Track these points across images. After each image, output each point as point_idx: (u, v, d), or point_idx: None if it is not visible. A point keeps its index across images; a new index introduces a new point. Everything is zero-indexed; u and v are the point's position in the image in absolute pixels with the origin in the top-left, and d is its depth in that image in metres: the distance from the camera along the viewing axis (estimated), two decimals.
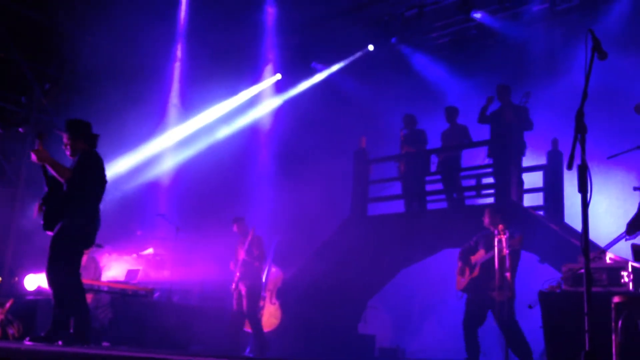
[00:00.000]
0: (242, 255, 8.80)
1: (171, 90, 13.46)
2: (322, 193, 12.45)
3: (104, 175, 5.82)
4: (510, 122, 9.02)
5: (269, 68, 13.92)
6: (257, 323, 8.76)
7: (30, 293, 9.64)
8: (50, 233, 5.67)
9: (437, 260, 10.44)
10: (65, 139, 5.81)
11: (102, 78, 12.05)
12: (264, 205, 12.60)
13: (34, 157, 5.55)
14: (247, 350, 8.96)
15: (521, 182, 9.11)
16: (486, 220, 7.32)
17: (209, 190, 12.42)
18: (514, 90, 9.38)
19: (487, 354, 8.41)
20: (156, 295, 9.20)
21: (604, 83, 8.52)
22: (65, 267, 5.52)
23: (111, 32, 11.76)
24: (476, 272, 7.22)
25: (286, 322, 9.32)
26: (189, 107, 13.37)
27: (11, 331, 8.48)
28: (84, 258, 8.53)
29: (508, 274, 6.67)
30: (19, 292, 9.94)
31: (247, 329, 9.20)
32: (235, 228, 9.14)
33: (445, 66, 12.64)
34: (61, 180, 5.61)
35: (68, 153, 5.82)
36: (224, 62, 12.81)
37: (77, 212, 5.60)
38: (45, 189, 5.75)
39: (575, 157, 3.99)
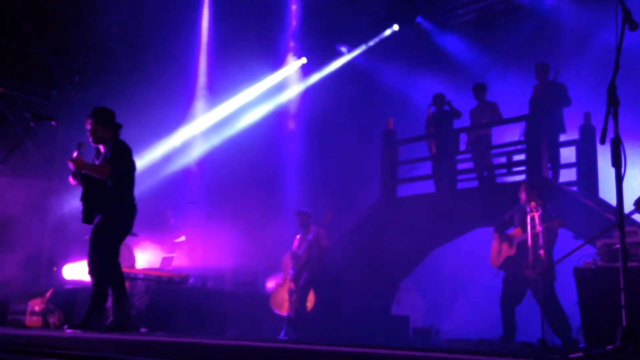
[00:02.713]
0: (303, 247, 9.12)
1: (198, 77, 13.52)
2: (351, 175, 12.45)
3: (134, 163, 5.93)
4: (541, 99, 8.87)
5: (294, 52, 13.89)
6: (304, 308, 8.99)
7: (70, 282, 9.86)
8: (90, 225, 5.80)
9: (467, 239, 10.38)
10: (88, 126, 5.88)
11: (129, 68, 12.18)
12: (293, 188, 12.65)
13: (71, 165, 5.66)
14: (282, 333, 9.05)
15: (556, 159, 8.98)
16: (522, 195, 7.21)
17: (238, 176, 12.50)
18: (549, 65, 9.22)
19: (523, 332, 8.36)
20: (190, 281, 9.34)
21: (637, 52, 8.33)
22: (106, 256, 5.68)
23: (136, 22, 11.86)
24: (513, 250, 7.14)
25: (319, 305, 9.37)
26: (216, 93, 13.43)
27: (52, 320, 8.71)
28: None
29: (542, 251, 6.60)
30: (58, 282, 10.19)
31: (281, 312, 9.29)
32: (299, 221, 9.42)
33: (472, 43, 12.45)
34: (103, 179, 5.72)
35: (91, 140, 5.90)
36: (249, 47, 12.82)
37: (116, 203, 5.75)
38: (81, 188, 5.86)
39: (608, 130, 3.92)
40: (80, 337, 4.17)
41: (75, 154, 5.68)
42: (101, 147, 5.90)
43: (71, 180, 5.84)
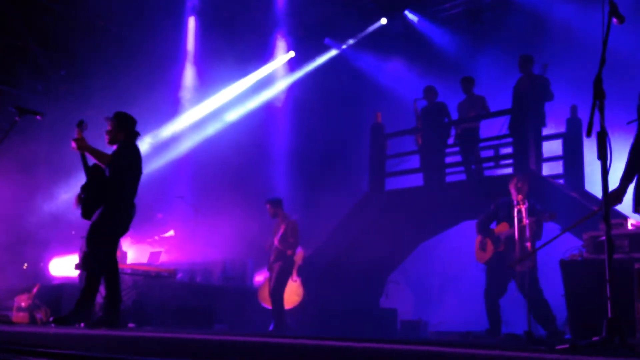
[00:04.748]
0: (275, 240, 8.95)
1: (185, 71, 13.45)
2: (339, 169, 12.45)
3: (140, 167, 5.94)
4: (527, 92, 8.90)
5: (282, 46, 13.86)
6: (279, 303, 8.92)
7: (56, 278, 9.81)
8: (88, 221, 5.78)
9: (456, 232, 10.42)
10: (109, 126, 5.94)
11: (117, 62, 12.09)
12: (281, 182, 12.64)
13: (74, 145, 5.65)
14: (271, 327, 9.06)
15: (540, 152, 9.03)
16: (512, 188, 7.16)
17: (226, 169, 12.47)
18: (534, 58, 9.24)
19: (510, 324, 8.42)
20: (179, 276, 9.31)
21: (623, 47, 8.40)
22: (100, 253, 5.65)
23: (124, 16, 11.76)
24: (501, 247, 7.15)
25: (308, 299, 9.39)
26: (203, 87, 13.38)
27: (39, 315, 8.65)
28: None
29: (528, 244, 6.63)
30: (45, 277, 10.13)
31: (270, 306, 9.30)
32: (268, 210, 9.22)
33: (459, 36, 12.48)
34: (102, 166, 5.73)
35: (107, 139, 5.95)
36: (237, 41, 12.77)
37: (115, 201, 5.73)
38: (85, 178, 5.84)
39: (595, 123, 3.94)
40: (68, 334, 4.15)
41: (77, 133, 5.68)
42: (115, 147, 5.94)
43: (75, 201, 5.83)
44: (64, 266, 9.95)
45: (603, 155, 3.89)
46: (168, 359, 2.19)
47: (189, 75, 13.46)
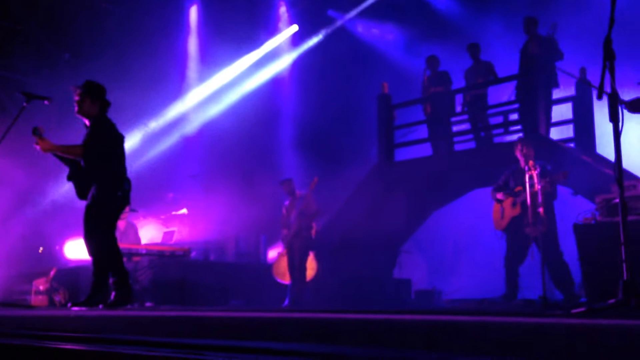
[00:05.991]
0: (293, 215, 9.12)
1: (190, 49, 13.38)
2: (347, 141, 12.41)
3: (119, 135, 5.81)
4: (535, 55, 8.77)
5: (285, 19, 13.74)
6: (304, 277, 9.06)
7: (73, 260, 9.91)
8: (85, 201, 5.77)
9: (468, 200, 10.40)
10: (76, 97, 5.74)
11: (122, 44, 12.03)
12: (291, 157, 12.63)
13: (39, 149, 5.55)
14: (286, 302, 9.13)
15: (549, 116, 8.94)
16: (518, 154, 7.17)
17: (236, 146, 12.46)
18: (539, 20, 9.10)
19: (525, 289, 8.43)
20: (193, 254, 9.38)
21: (629, 5, 8.25)
22: (101, 232, 5.63)
23: None
24: (517, 210, 7.14)
25: (322, 272, 9.44)
26: (209, 65, 13.32)
27: (57, 298, 8.77)
28: (122, 224, 8.73)
29: (541, 209, 6.61)
30: (60, 261, 10.23)
31: (284, 281, 9.36)
32: (284, 189, 9.41)
33: (466, 3, 12.30)
34: (76, 158, 5.66)
35: (75, 109, 5.75)
36: (241, 16, 12.66)
37: (105, 177, 5.66)
38: (66, 167, 5.80)
39: (605, 85, 3.89)
40: (88, 315, 4.20)
41: (37, 140, 5.57)
42: (87, 122, 5.81)
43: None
44: (79, 249, 10.04)
45: (615, 118, 3.85)
46: (186, 338, 2.21)
47: (194, 53, 13.40)
